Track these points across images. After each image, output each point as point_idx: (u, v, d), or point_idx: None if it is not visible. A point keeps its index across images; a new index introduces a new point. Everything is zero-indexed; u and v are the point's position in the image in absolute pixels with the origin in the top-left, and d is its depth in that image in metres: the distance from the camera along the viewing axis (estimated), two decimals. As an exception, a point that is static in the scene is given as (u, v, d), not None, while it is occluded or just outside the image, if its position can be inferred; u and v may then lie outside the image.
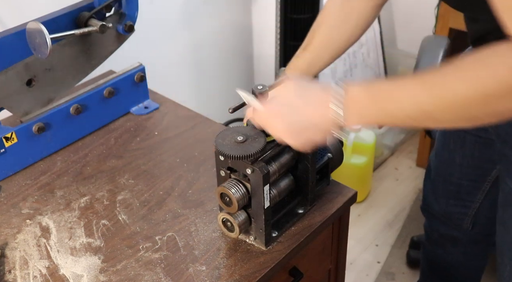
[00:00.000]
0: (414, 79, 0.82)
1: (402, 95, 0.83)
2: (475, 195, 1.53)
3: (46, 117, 1.31)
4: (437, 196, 1.63)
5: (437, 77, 0.80)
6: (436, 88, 0.80)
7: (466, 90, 0.78)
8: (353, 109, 0.87)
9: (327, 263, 1.29)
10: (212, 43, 2.21)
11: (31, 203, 1.22)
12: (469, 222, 1.60)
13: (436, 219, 1.69)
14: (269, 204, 1.04)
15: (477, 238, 1.66)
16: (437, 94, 0.80)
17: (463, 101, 0.78)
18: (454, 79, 0.79)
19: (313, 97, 0.91)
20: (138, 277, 1.04)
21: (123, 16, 1.38)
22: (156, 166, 1.31)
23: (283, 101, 0.93)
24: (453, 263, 1.75)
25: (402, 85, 0.83)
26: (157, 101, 1.52)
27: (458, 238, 1.67)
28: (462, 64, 0.79)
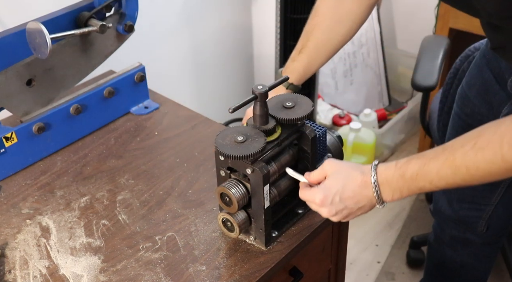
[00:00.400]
0: (440, 159, 0.92)
1: (432, 174, 0.93)
2: (490, 198, 1.51)
3: (46, 117, 1.31)
4: (450, 200, 1.60)
5: (461, 157, 0.90)
6: (461, 168, 0.90)
7: (490, 168, 0.89)
8: (389, 190, 0.98)
9: (327, 263, 1.29)
10: (212, 43, 2.21)
11: (31, 203, 1.22)
12: (484, 225, 1.57)
13: (448, 222, 1.66)
14: (269, 204, 1.04)
15: (490, 240, 1.64)
16: (462, 172, 0.91)
17: (485, 174, 0.90)
18: (478, 159, 0.89)
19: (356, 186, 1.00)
20: (138, 277, 1.04)
21: (123, 16, 1.38)
22: (156, 166, 1.31)
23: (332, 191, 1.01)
24: (462, 263, 1.72)
25: (431, 165, 0.93)
26: (157, 101, 1.52)
27: (471, 240, 1.64)
28: (484, 144, 0.88)
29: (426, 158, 0.94)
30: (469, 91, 1.42)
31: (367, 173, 0.99)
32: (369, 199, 0.99)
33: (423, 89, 1.79)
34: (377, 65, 2.78)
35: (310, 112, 1.05)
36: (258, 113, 1.02)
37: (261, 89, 1.00)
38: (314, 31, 1.26)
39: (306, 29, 1.28)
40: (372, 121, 2.55)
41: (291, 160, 1.09)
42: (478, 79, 1.38)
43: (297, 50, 1.28)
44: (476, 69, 1.40)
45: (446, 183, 0.93)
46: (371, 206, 1.01)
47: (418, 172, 0.94)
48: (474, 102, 1.40)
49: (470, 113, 1.42)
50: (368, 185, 0.98)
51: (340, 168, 1.02)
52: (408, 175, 0.95)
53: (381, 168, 0.98)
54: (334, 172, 1.02)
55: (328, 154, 1.17)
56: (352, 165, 1.03)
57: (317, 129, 1.11)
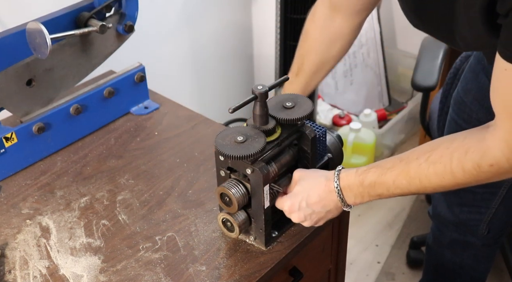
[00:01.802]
0: (397, 169, 0.98)
1: (388, 183, 0.99)
2: (491, 201, 1.50)
3: (46, 117, 1.31)
4: (450, 204, 1.60)
5: (415, 170, 0.96)
6: (415, 179, 0.96)
7: (441, 181, 0.94)
8: (351, 195, 1.03)
9: (327, 263, 1.29)
10: (212, 43, 2.21)
11: (31, 203, 1.22)
12: (485, 228, 1.57)
13: (448, 225, 1.66)
14: (269, 204, 1.04)
15: (490, 242, 1.64)
16: (416, 183, 0.96)
17: (437, 186, 0.96)
18: (429, 172, 0.94)
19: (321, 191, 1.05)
20: (138, 277, 1.04)
21: (123, 16, 1.38)
22: (156, 166, 1.31)
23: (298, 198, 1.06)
24: (461, 265, 1.72)
25: (388, 174, 0.98)
26: (157, 101, 1.52)
27: (471, 243, 1.64)
28: (436, 158, 0.94)
29: (384, 167, 1.00)
30: (465, 96, 1.41)
31: (331, 178, 1.04)
32: (335, 203, 1.04)
33: (423, 89, 1.80)
34: (377, 65, 2.78)
35: (310, 112, 1.05)
36: (258, 114, 1.02)
37: (261, 89, 1.00)
38: (308, 54, 1.30)
39: (300, 52, 1.32)
40: (372, 121, 2.55)
41: (291, 160, 1.09)
42: (474, 84, 1.38)
43: (293, 73, 1.32)
44: (471, 75, 1.40)
45: (402, 191, 0.99)
46: (337, 209, 1.06)
47: (376, 180, 1.00)
48: (471, 107, 1.40)
49: (468, 119, 1.41)
50: (331, 190, 1.03)
51: (306, 175, 1.07)
52: (366, 183, 1.01)
53: (343, 174, 1.03)
54: (301, 179, 1.07)
55: (328, 154, 1.17)
56: (317, 172, 1.08)
57: (317, 130, 1.11)
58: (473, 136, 0.93)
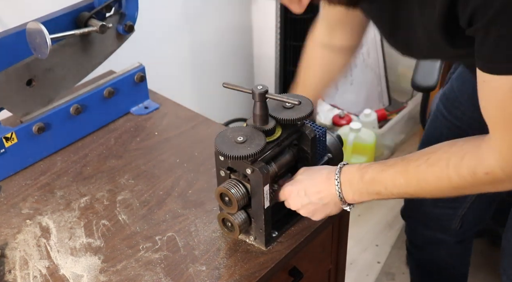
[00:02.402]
0: (396, 167, 0.99)
1: (387, 180, 1.00)
2: (466, 197, 1.52)
3: (46, 117, 1.31)
4: (423, 200, 1.61)
5: (413, 170, 0.97)
6: (413, 179, 0.97)
7: (437, 184, 0.96)
8: (350, 190, 1.03)
9: (327, 263, 1.29)
10: (212, 43, 2.21)
11: (31, 203, 1.22)
12: (458, 222, 1.59)
13: (420, 223, 1.68)
14: (269, 204, 1.04)
15: (463, 237, 1.66)
16: (414, 184, 0.98)
17: (435, 189, 0.97)
18: (427, 175, 0.96)
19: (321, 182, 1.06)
20: (138, 277, 1.04)
21: (123, 16, 1.37)
22: (156, 166, 1.31)
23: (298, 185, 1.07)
24: (440, 264, 1.74)
25: (387, 171, 1.00)
26: (157, 101, 1.52)
27: (443, 240, 1.66)
28: (435, 161, 0.95)
29: (385, 164, 1.01)
30: (461, 95, 1.42)
31: (333, 171, 1.05)
32: (333, 196, 1.05)
33: (423, 89, 1.80)
34: (377, 65, 2.78)
35: (310, 112, 1.05)
36: (258, 114, 1.02)
37: (261, 90, 1.00)
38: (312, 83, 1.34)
39: (303, 66, 1.35)
40: (372, 121, 2.55)
41: (291, 160, 1.09)
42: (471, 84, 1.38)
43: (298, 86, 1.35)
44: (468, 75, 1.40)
45: (400, 191, 1.00)
46: (335, 204, 1.06)
47: (375, 176, 1.00)
48: (465, 106, 1.40)
49: (461, 116, 1.42)
50: (331, 182, 1.04)
51: (310, 168, 1.09)
52: (366, 178, 1.01)
53: (345, 168, 1.04)
54: (304, 170, 1.09)
55: (328, 154, 1.17)
56: (321, 166, 1.10)
57: (317, 130, 1.11)
58: (471, 143, 0.94)
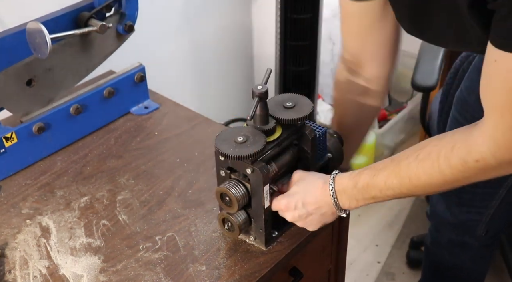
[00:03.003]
0: (388, 169, 0.99)
1: (380, 183, 0.99)
2: (490, 201, 1.49)
3: (46, 117, 1.31)
4: (449, 205, 1.59)
5: (404, 169, 0.96)
6: (405, 178, 0.96)
7: (430, 179, 0.94)
8: (346, 198, 1.03)
9: (327, 263, 1.29)
10: (212, 43, 2.21)
11: (31, 203, 1.22)
12: (483, 228, 1.57)
13: (446, 225, 1.65)
14: (269, 204, 1.04)
15: (488, 242, 1.64)
16: (406, 182, 0.97)
17: (429, 186, 0.96)
18: (418, 171, 0.95)
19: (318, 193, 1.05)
20: (138, 277, 1.04)
21: (123, 16, 1.37)
22: (156, 166, 1.31)
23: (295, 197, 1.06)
24: (459, 266, 1.72)
25: (379, 175, 0.99)
26: (157, 101, 1.52)
27: (469, 243, 1.64)
28: (425, 156, 0.94)
29: (376, 169, 1.00)
30: (469, 96, 1.41)
31: (327, 181, 1.04)
32: (329, 206, 1.04)
33: (423, 89, 1.79)
34: (377, 65, 2.77)
35: (310, 112, 1.05)
36: (258, 113, 1.02)
37: (261, 89, 1.00)
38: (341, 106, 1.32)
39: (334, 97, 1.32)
40: (372, 121, 2.54)
41: (291, 160, 1.09)
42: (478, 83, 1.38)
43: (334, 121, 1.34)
44: (476, 74, 1.39)
45: (394, 192, 0.99)
46: (332, 213, 1.06)
47: (368, 182, 1.00)
48: (474, 107, 1.39)
49: (470, 118, 1.41)
50: (327, 192, 1.04)
51: (305, 177, 1.08)
52: (360, 185, 1.01)
53: (338, 177, 1.04)
54: (299, 180, 1.07)
55: (328, 154, 1.16)
56: (316, 175, 1.08)
57: (317, 130, 1.11)
58: (461, 131, 0.94)
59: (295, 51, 2.18)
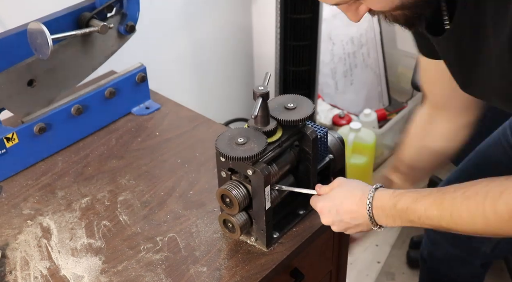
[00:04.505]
0: (431, 198, 0.94)
1: (420, 211, 0.95)
2: None
3: (47, 117, 1.31)
4: None
5: (448, 203, 0.92)
6: (447, 211, 0.92)
7: (472, 219, 0.89)
8: (383, 215, 1.00)
9: (328, 264, 1.29)
10: (213, 43, 2.21)
11: (32, 204, 1.22)
12: (490, 248, 1.53)
13: (448, 240, 1.61)
14: (270, 205, 1.04)
15: (489, 261, 1.62)
16: (447, 216, 0.92)
17: (468, 225, 0.91)
18: (462, 208, 0.90)
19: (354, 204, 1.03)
20: (139, 278, 1.04)
21: (125, 17, 1.37)
22: (157, 167, 1.31)
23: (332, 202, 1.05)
24: (457, 280, 1.69)
25: (421, 202, 0.95)
26: (158, 101, 1.52)
27: (469, 261, 1.61)
28: (471, 195, 0.89)
29: (420, 194, 0.96)
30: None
31: (366, 194, 1.01)
32: (365, 219, 1.02)
33: (424, 89, 1.79)
34: (377, 65, 2.78)
35: (311, 113, 1.05)
36: (259, 115, 1.02)
37: (262, 90, 1.00)
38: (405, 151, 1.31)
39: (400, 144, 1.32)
40: (372, 121, 2.55)
41: (292, 161, 1.09)
42: None
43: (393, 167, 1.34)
44: None
45: (432, 223, 0.95)
46: (367, 225, 1.03)
47: (409, 205, 0.96)
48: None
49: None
50: (364, 205, 1.01)
51: (346, 184, 1.06)
52: (399, 207, 0.97)
53: (378, 193, 1.01)
54: (339, 186, 1.06)
55: (330, 154, 1.17)
56: (357, 183, 1.05)
57: (318, 130, 1.11)
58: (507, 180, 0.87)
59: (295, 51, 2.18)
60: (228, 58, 2.32)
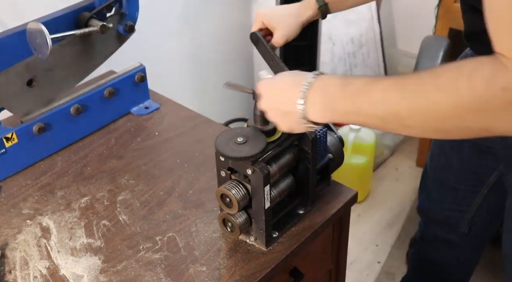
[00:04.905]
0: (391, 80, 0.80)
1: (376, 92, 0.80)
2: (473, 199, 1.52)
3: (47, 117, 1.31)
4: (433, 200, 1.62)
5: (413, 82, 0.78)
6: (410, 92, 0.77)
7: (440, 98, 0.74)
8: (319, 99, 0.85)
9: (328, 264, 1.29)
10: (212, 43, 2.21)
11: (31, 203, 1.22)
12: (466, 226, 1.59)
13: (432, 221, 1.69)
14: (270, 204, 1.04)
15: (472, 242, 1.66)
16: (410, 98, 0.77)
17: (435, 110, 0.75)
18: (430, 86, 0.76)
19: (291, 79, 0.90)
20: (138, 277, 1.04)
21: (124, 16, 1.38)
22: (157, 166, 1.31)
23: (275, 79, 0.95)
24: (445, 263, 1.75)
25: (378, 83, 0.80)
26: (158, 101, 1.52)
27: (453, 241, 1.66)
28: (442, 72, 0.76)
29: (378, 77, 0.82)
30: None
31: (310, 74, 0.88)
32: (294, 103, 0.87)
33: (423, 89, 1.79)
34: (377, 65, 2.78)
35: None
36: (259, 114, 1.02)
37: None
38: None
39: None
40: (372, 121, 2.54)
41: (292, 160, 1.09)
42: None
43: None
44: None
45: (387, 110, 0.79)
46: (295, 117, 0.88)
47: (361, 86, 0.82)
48: None
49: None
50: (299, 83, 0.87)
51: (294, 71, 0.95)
52: (350, 88, 0.82)
53: (326, 75, 0.87)
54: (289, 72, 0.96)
55: (329, 154, 1.17)
56: None
57: (317, 130, 1.11)
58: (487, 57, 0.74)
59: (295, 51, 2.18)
60: (228, 58, 2.32)
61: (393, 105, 0.78)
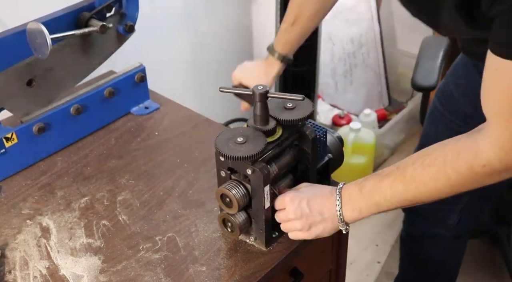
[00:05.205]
0: (394, 174, 0.99)
1: (385, 189, 0.99)
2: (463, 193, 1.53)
3: (47, 117, 1.31)
4: None
5: (410, 173, 0.97)
6: (411, 183, 0.97)
7: (435, 184, 0.95)
8: (350, 205, 1.03)
9: (328, 264, 1.29)
10: (212, 43, 2.21)
11: (31, 203, 1.22)
12: (455, 218, 1.60)
13: (419, 216, 1.69)
14: (270, 204, 1.04)
15: (460, 234, 1.67)
16: (413, 188, 0.97)
17: (433, 190, 0.96)
18: (425, 177, 0.95)
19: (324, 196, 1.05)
20: (138, 277, 1.04)
21: (124, 16, 1.37)
22: (157, 166, 1.31)
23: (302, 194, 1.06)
24: (434, 258, 1.76)
25: (384, 180, 0.99)
26: (158, 101, 1.52)
27: (441, 235, 1.67)
28: (431, 162, 0.95)
29: (382, 175, 1.01)
30: (456, 89, 1.43)
31: (334, 188, 1.05)
32: (332, 211, 1.04)
33: (423, 89, 1.80)
34: (377, 65, 2.78)
35: (311, 113, 1.05)
36: (259, 114, 1.02)
37: (261, 90, 1.00)
38: (306, 2, 1.31)
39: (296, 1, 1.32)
40: (372, 121, 2.55)
41: (292, 160, 1.09)
42: (465, 79, 1.39)
43: (288, 23, 1.33)
44: (463, 69, 1.40)
45: (399, 199, 0.99)
46: (333, 222, 1.04)
47: (374, 186, 1.00)
48: (459, 101, 1.41)
49: (455, 111, 1.44)
50: (333, 197, 1.04)
51: (312, 184, 1.10)
52: (365, 190, 1.01)
53: (345, 186, 1.05)
54: (307, 185, 1.09)
55: (329, 154, 1.17)
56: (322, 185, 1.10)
57: (317, 130, 1.11)
58: (465, 138, 0.94)
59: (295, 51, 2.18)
60: (228, 58, 2.32)
61: (401, 196, 0.98)
